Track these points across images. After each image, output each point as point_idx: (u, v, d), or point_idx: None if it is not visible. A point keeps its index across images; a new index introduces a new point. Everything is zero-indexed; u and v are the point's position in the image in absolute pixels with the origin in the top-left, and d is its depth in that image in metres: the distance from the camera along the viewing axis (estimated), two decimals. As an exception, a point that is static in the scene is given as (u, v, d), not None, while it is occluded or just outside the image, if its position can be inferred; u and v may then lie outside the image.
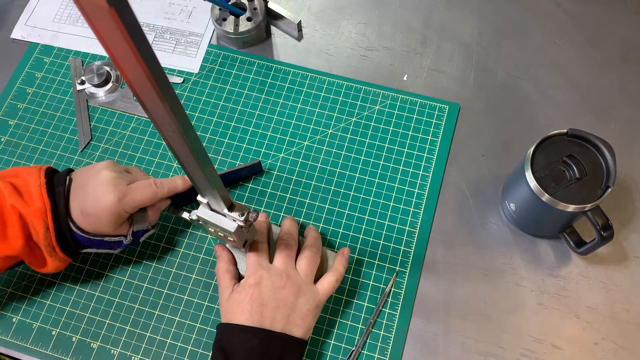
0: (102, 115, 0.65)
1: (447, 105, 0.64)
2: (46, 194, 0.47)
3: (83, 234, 0.49)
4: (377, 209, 0.60)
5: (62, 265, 0.50)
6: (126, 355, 0.54)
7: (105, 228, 0.49)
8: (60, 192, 0.48)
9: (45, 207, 0.47)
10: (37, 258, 0.49)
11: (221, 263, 0.52)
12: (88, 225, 0.48)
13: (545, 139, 0.51)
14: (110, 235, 0.50)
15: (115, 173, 0.49)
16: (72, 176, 0.50)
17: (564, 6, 0.69)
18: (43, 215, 0.47)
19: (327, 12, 0.71)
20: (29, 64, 0.68)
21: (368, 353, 0.54)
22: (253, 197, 0.61)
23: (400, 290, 0.56)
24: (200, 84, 0.67)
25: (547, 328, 0.54)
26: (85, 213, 0.48)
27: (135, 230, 0.52)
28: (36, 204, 0.47)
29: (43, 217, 0.47)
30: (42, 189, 0.47)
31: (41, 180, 0.48)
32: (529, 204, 0.52)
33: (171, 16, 0.71)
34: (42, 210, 0.47)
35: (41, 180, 0.48)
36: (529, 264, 0.57)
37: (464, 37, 0.68)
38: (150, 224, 0.53)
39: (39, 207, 0.47)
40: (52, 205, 0.47)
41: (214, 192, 0.41)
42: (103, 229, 0.49)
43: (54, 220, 0.47)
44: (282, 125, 0.64)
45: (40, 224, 0.47)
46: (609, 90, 0.65)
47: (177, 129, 0.32)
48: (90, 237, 0.49)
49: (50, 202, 0.47)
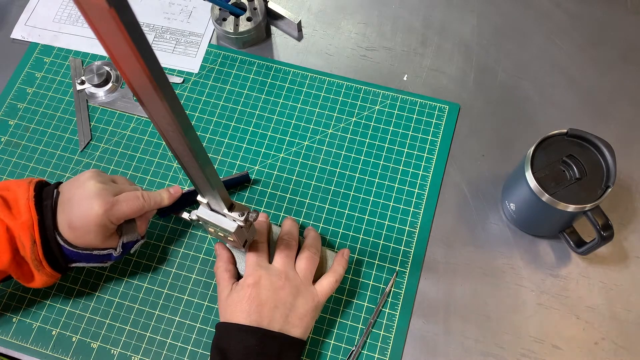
0: (102, 115, 0.65)
1: (447, 105, 0.64)
2: (34, 207, 0.47)
3: (71, 247, 0.48)
4: (377, 209, 0.60)
5: (50, 281, 0.49)
6: (126, 355, 0.54)
7: (94, 240, 0.48)
8: (47, 205, 0.47)
9: (32, 221, 0.46)
10: (25, 273, 0.48)
11: (220, 262, 0.52)
12: (76, 238, 0.48)
13: (545, 139, 0.51)
14: (99, 249, 0.49)
15: (100, 184, 0.48)
16: (60, 189, 0.49)
17: (564, 6, 0.69)
18: (30, 228, 0.46)
19: (327, 12, 0.71)
20: (29, 64, 0.68)
21: (368, 353, 0.54)
22: (253, 197, 0.61)
23: (400, 290, 0.56)
24: (200, 84, 0.67)
25: (547, 328, 0.54)
26: (72, 226, 0.47)
27: (125, 242, 0.51)
28: (23, 217, 0.46)
29: (30, 231, 0.46)
30: (30, 202, 0.47)
31: (30, 194, 0.47)
32: (529, 204, 0.52)
33: (171, 16, 0.71)
34: (29, 223, 0.46)
35: (30, 193, 0.47)
36: (529, 264, 0.57)
37: (464, 37, 0.68)
38: (140, 235, 0.52)
39: (26, 220, 0.46)
40: (39, 218, 0.46)
41: (214, 192, 0.41)
42: (91, 242, 0.48)
43: (40, 234, 0.46)
44: (282, 125, 0.64)
45: (27, 237, 0.46)
46: (609, 90, 0.65)
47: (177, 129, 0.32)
48: (79, 250, 0.48)
49: (38, 216, 0.46)
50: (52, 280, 0.50)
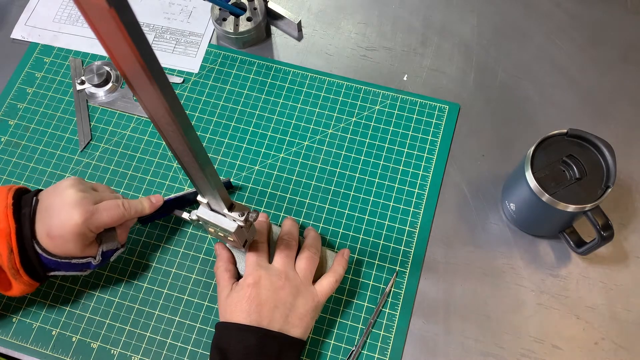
0: (102, 115, 0.65)
1: (447, 105, 0.64)
2: (11, 215, 0.46)
3: (49, 256, 0.47)
4: (377, 209, 0.60)
5: (28, 289, 0.49)
6: (126, 355, 0.54)
7: (72, 249, 0.47)
8: (26, 214, 0.47)
9: (9, 229, 0.46)
10: (2, 281, 0.47)
11: (220, 262, 0.52)
12: (54, 247, 0.47)
13: (545, 139, 0.51)
14: (78, 257, 0.49)
15: (80, 192, 0.48)
16: (40, 197, 0.49)
17: (564, 6, 0.69)
18: (7, 237, 0.46)
19: (327, 12, 0.71)
20: (29, 64, 0.68)
21: (368, 353, 0.54)
22: (253, 197, 0.61)
23: (400, 290, 0.56)
24: (200, 84, 0.67)
25: (547, 328, 0.54)
26: (51, 235, 0.46)
27: (105, 250, 0.50)
28: (1, 226, 0.46)
29: (7, 240, 0.46)
30: (7, 210, 0.46)
31: (8, 202, 0.47)
32: (529, 204, 0.52)
33: (171, 16, 0.71)
34: (7, 232, 0.46)
35: (8, 201, 0.47)
36: (529, 264, 0.57)
37: (464, 37, 0.68)
38: (120, 243, 0.52)
39: (3, 228, 0.46)
40: (16, 227, 0.46)
41: (214, 192, 0.41)
42: (70, 251, 0.47)
43: (18, 242, 0.46)
44: (282, 125, 0.64)
45: (4, 246, 0.46)
46: (609, 90, 0.65)
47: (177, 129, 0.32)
48: (57, 259, 0.48)
49: (15, 224, 0.46)
50: (30, 289, 0.49)
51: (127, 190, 0.61)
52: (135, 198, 0.60)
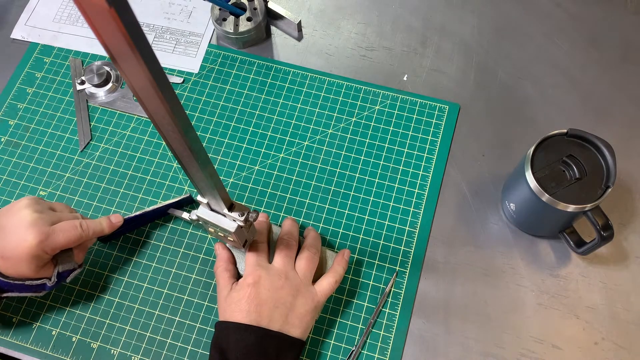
0: (102, 115, 0.65)
1: (447, 105, 0.64)
2: None
3: (2, 277, 0.46)
4: (377, 209, 0.60)
5: None
6: (126, 355, 0.54)
7: (26, 271, 0.46)
8: None
9: None
10: None
11: (220, 262, 0.52)
12: (7, 268, 0.46)
13: (545, 139, 0.51)
14: (32, 279, 0.47)
15: (36, 213, 0.46)
16: None
17: (564, 6, 0.69)
18: None
19: (327, 12, 0.71)
20: (29, 64, 0.68)
21: (368, 353, 0.54)
22: (253, 197, 0.61)
23: (400, 290, 0.56)
24: (200, 84, 0.67)
25: (547, 328, 0.54)
26: (4, 256, 0.45)
27: (61, 271, 0.49)
28: None
29: None
30: None
31: None
32: (529, 204, 0.52)
33: (171, 16, 0.71)
34: None
35: None
36: (529, 264, 0.57)
37: (464, 37, 0.68)
38: (77, 263, 0.51)
39: None
40: None
41: (214, 192, 0.41)
42: (24, 272, 0.46)
43: None
44: (282, 125, 0.64)
45: None
46: (609, 90, 0.65)
47: (177, 129, 0.32)
48: (10, 281, 0.46)
49: None
50: None
51: (127, 190, 0.61)
52: (134, 198, 0.61)
